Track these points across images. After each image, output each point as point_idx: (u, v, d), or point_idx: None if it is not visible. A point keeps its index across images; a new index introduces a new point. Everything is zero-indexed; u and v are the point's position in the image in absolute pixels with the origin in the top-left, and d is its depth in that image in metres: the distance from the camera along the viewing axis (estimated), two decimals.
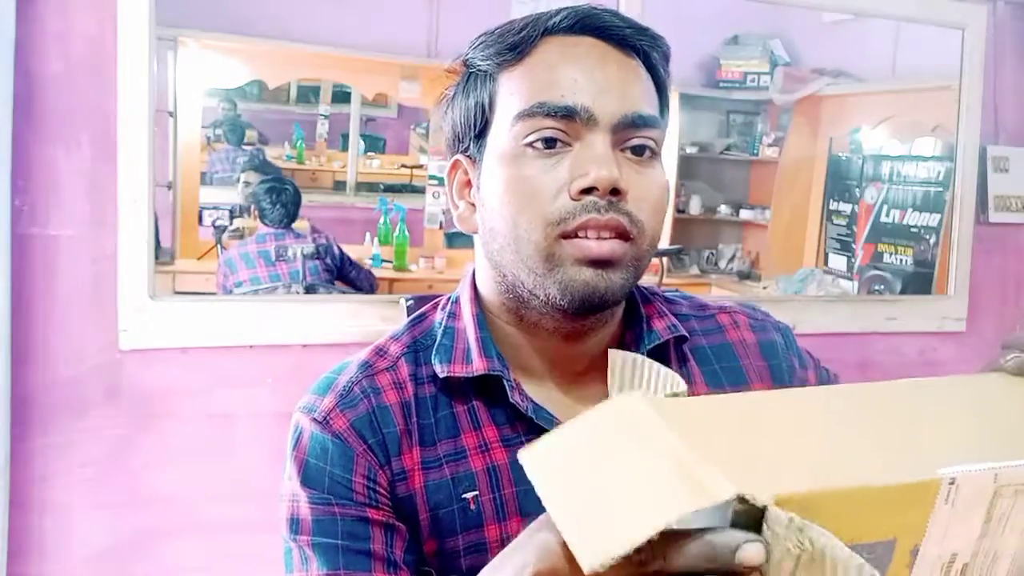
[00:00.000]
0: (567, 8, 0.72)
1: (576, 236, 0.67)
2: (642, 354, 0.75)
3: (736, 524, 0.37)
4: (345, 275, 2.15)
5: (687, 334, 0.78)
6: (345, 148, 2.38)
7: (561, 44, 0.71)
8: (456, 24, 2.10)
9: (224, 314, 1.75)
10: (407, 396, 0.74)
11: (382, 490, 0.71)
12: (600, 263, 0.67)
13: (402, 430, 0.72)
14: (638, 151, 0.70)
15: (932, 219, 2.44)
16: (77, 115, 1.62)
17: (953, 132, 2.36)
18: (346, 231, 2.26)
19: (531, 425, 0.71)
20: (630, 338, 0.77)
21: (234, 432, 1.75)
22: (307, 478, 0.71)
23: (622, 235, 0.68)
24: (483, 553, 0.69)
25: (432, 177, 2.33)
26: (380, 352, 0.77)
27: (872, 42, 2.55)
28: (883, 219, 2.54)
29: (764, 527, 0.36)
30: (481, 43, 0.74)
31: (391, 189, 2.43)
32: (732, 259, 2.82)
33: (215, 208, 2.13)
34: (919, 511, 0.38)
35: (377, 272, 2.26)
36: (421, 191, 2.36)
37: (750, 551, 0.37)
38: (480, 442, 0.72)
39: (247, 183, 2.17)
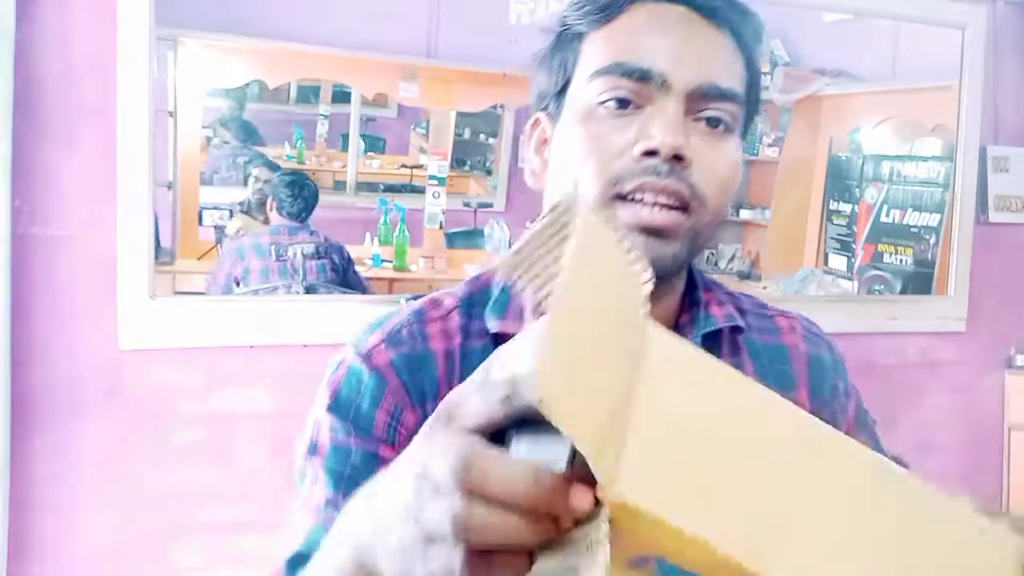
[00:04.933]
0: None
1: (632, 200, 0.67)
2: (696, 340, 0.75)
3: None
4: (347, 279, 2.16)
5: (743, 325, 0.78)
6: (345, 148, 2.38)
7: (650, 10, 0.71)
8: (456, 24, 2.10)
9: (224, 314, 1.75)
10: (453, 346, 0.74)
11: (404, 430, 0.70)
12: (653, 232, 0.67)
13: (442, 376, 0.72)
14: (712, 123, 0.70)
15: (932, 219, 2.44)
16: (77, 115, 1.62)
17: (953, 132, 2.36)
18: (346, 231, 2.26)
19: None
20: (685, 320, 0.76)
21: (234, 432, 1.75)
22: (335, 405, 0.72)
23: (681, 204, 0.67)
24: None
25: (432, 177, 2.33)
26: (434, 303, 0.77)
27: (872, 42, 2.55)
28: (883, 219, 2.54)
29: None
30: (577, 3, 0.74)
31: (391, 189, 2.43)
32: (732, 259, 2.82)
33: (215, 208, 2.13)
34: None
35: (377, 272, 2.27)
36: (421, 191, 2.36)
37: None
38: None
39: (257, 178, 2.17)
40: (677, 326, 0.76)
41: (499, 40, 2.12)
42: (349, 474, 0.70)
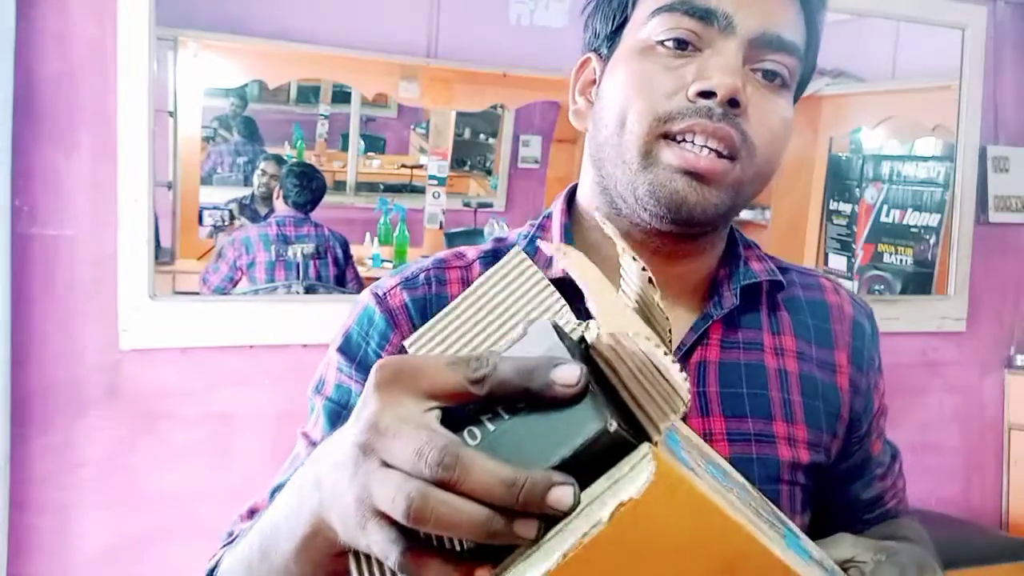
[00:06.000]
0: None
1: (680, 141, 0.65)
2: (735, 292, 0.73)
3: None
4: (343, 277, 2.16)
5: (784, 282, 0.77)
6: (345, 148, 2.38)
7: None
8: (456, 24, 2.10)
9: (224, 314, 1.75)
10: None
11: None
12: (696, 175, 0.65)
13: None
14: (769, 75, 0.68)
15: (932, 219, 2.44)
16: (77, 115, 1.62)
17: (953, 132, 2.36)
18: (346, 231, 2.25)
19: None
20: (724, 274, 0.75)
21: (234, 432, 1.75)
22: (345, 345, 0.73)
23: (729, 149, 0.65)
24: None
25: (432, 177, 2.33)
26: (458, 254, 0.78)
27: (872, 42, 2.55)
28: (883, 219, 2.54)
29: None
30: None
31: (391, 189, 2.43)
32: None
33: (215, 208, 2.13)
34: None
35: (377, 272, 2.26)
36: (421, 191, 2.36)
37: (564, 369, 0.38)
38: None
39: (264, 171, 2.18)
40: (716, 279, 0.75)
41: (499, 40, 2.12)
42: (345, 415, 0.71)
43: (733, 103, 0.64)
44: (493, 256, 0.77)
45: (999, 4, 2.36)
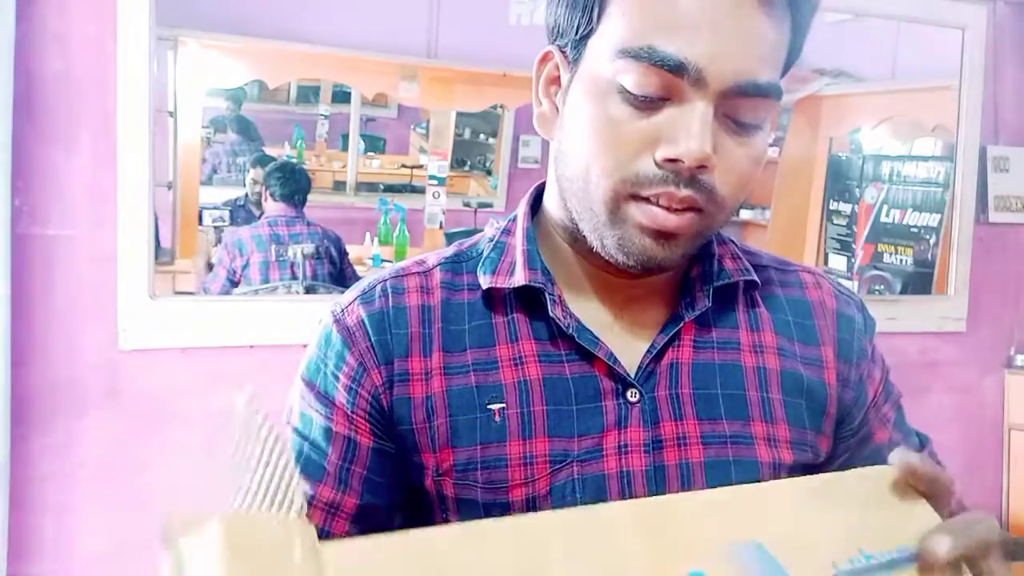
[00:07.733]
0: None
1: (647, 201, 0.63)
2: (708, 293, 0.71)
3: None
4: (343, 271, 2.16)
5: (759, 281, 0.74)
6: (345, 148, 2.38)
7: None
8: (456, 24, 2.10)
9: (224, 314, 1.75)
10: (431, 301, 0.72)
11: (364, 392, 0.69)
12: (664, 235, 0.63)
13: (414, 333, 0.70)
14: (742, 121, 0.63)
15: (932, 219, 2.44)
16: (77, 115, 1.62)
17: (953, 132, 2.36)
18: (346, 231, 2.26)
19: (574, 345, 0.69)
20: (697, 273, 0.73)
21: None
22: (307, 370, 0.73)
23: (695, 206, 0.63)
24: (502, 468, 0.67)
25: (432, 177, 2.33)
26: (418, 261, 0.75)
27: (872, 42, 2.55)
28: (883, 219, 2.54)
29: None
30: None
31: (391, 189, 2.43)
32: None
33: (215, 208, 2.14)
34: None
35: (377, 273, 2.27)
36: (421, 191, 2.36)
37: None
38: (515, 355, 0.69)
39: (255, 180, 2.18)
40: (688, 279, 0.73)
41: (499, 40, 2.12)
42: (306, 448, 0.70)
43: (701, 166, 0.62)
44: (454, 262, 0.74)
45: (999, 4, 2.36)
